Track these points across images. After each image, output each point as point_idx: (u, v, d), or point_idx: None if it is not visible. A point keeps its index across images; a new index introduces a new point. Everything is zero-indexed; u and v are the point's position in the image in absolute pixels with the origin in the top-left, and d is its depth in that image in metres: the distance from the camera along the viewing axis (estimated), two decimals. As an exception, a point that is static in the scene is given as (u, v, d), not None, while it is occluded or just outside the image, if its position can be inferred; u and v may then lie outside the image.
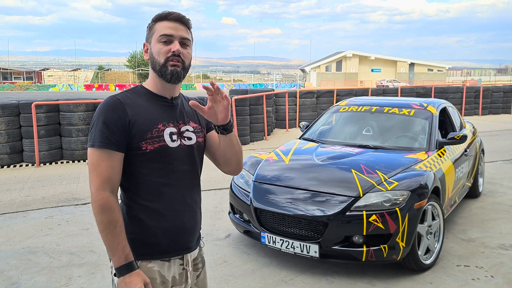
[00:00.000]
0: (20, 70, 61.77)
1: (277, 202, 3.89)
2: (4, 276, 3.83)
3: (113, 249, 1.58)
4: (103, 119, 1.61)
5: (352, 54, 64.64)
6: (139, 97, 1.71)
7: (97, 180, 1.59)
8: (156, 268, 1.68)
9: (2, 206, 5.83)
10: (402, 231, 3.57)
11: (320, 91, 14.50)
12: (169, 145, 1.68)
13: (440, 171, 4.32)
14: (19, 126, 8.65)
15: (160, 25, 1.69)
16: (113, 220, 1.58)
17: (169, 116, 1.72)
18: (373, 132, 5.01)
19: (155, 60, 1.68)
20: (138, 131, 1.63)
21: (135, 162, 1.65)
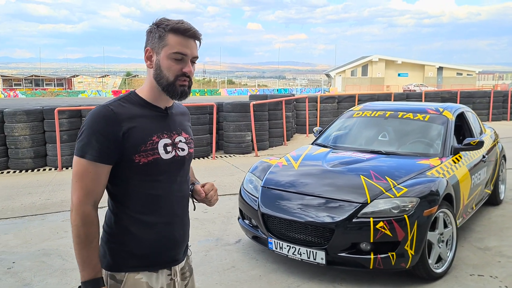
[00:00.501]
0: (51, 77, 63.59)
1: (284, 207, 3.87)
2: (17, 277, 3.93)
3: (85, 263, 1.54)
4: (94, 130, 1.54)
5: (378, 58, 63.95)
6: (133, 106, 1.63)
7: (81, 192, 1.54)
8: (144, 280, 1.65)
9: (23, 209, 6.00)
10: (411, 239, 3.50)
11: (341, 96, 14.39)
12: (162, 157, 1.63)
13: (454, 178, 4.22)
14: (43, 131, 8.90)
15: (174, 39, 1.60)
16: (91, 235, 1.55)
17: (163, 127, 1.68)
18: (386, 138, 4.94)
19: (163, 74, 1.61)
20: (131, 144, 1.57)
21: (127, 173, 1.60)
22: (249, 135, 10.13)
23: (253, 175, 4.46)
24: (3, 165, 8.70)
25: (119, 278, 1.63)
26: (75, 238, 1.56)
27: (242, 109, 10.04)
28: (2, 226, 5.35)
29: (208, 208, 5.89)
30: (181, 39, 1.60)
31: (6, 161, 8.77)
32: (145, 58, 1.65)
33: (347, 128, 5.38)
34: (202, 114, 9.84)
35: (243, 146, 10.13)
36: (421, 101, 14.64)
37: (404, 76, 63.57)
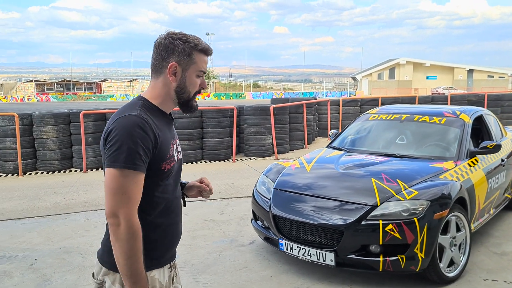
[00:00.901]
0: (82, 82, 65.25)
1: (294, 209, 3.92)
2: (39, 273, 4.10)
3: (138, 276, 1.55)
4: (135, 139, 1.53)
5: (406, 61, 63.01)
6: (154, 115, 1.66)
7: (129, 204, 1.53)
8: (156, 276, 1.73)
9: (47, 208, 6.22)
10: (421, 242, 3.49)
11: (364, 99, 14.29)
12: (176, 162, 1.74)
13: (468, 181, 4.18)
14: (70, 134, 9.19)
15: (200, 57, 1.70)
16: (140, 247, 1.56)
17: (172, 134, 1.77)
18: (401, 141, 4.92)
19: (187, 90, 1.70)
20: (161, 152, 1.63)
21: (151, 181, 1.63)
22: (270, 138, 10.19)
23: (266, 177, 4.52)
24: (31, 166, 9.03)
25: None
26: (126, 253, 1.53)
27: (262, 112, 10.11)
28: (28, 224, 5.57)
29: (224, 209, 6.00)
30: (204, 58, 1.72)
31: (35, 163, 9.09)
32: (169, 72, 1.67)
33: (362, 131, 5.38)
34: (223, 117, 9.96)
35: (263, 149, 10.20)
36: (446, 104, 14.40)
37: (432, 79, 62.42)
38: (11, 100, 52.44)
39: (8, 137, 8.75)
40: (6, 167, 8.81)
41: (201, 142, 9.98)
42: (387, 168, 4.22)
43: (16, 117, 8.58)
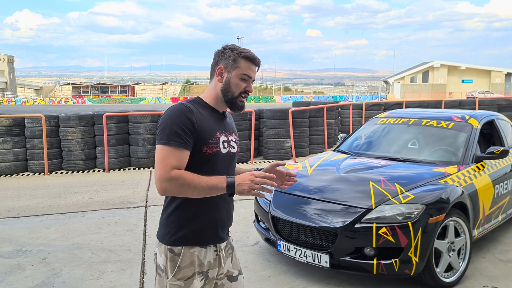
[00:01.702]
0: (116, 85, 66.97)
1: (292, 211, 3.99)
2: (50, 267, 4.32)
3: (211, 188, 1.84)
4: (176, 121, 1.86)
5: (440, 64, 61.66)
6: (201, 108, 1.98)
7: (164, 167, 1.82)
8: (196, 253, 1.98)
9: (66, 206, 6.50)
10: (415, 246, 3.49)
11: (388, 103, 14.16)
12: (221, 151, 1.98)
13: (471, 187, 4.14)
14: (94, 135, 9.53)
15: (245, 64, 2.00)
16: (193, 177, 1.83)
17: (221, 127, 2.03)
18: (406, 145, 4.91)
19: (230, 89, 1.99)
20: (202, 136, 1.91)
21: (194, 163, 1.90)
22: (288, 141, 10.25)
23: (269, 179, 4.60)
24: (57, 166, 9.41)
25: (177, 252, 1.97)
26: (193, 189, 1.83)
27: (281, 116, 10.19)
28: (47, 221, 5.84)
29: (235, 210, 6.08)
30: (249, 65, 2.01)
31: (61, 162, 9.47)
32: (217, 73, 2.02)
33: (369, 135, 5.38)
34: (242, 120, 10.09)
35: (282, 153, 10.27)
36: (474, 109, 14.07)
37: (468, 82, 60.81)
38: (49, 103, 54.40)
39: (36, 137, 9.16)
40: (34, 167, 9.22)
41: (221, 144, 10.12)
42: (388, 172, 4.23)
43: (43, 118, 8.98)
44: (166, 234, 1.99)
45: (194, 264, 1.98)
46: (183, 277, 1.96)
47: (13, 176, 8.99)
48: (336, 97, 52.32)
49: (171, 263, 1.97)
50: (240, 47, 2.04)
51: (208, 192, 1.85)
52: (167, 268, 1.97)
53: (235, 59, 1.99)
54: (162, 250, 1.99)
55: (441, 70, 60.94)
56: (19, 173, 9.19)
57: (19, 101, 54.78)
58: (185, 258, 1.97)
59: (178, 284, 1.97)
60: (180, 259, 1.96)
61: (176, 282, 1.96)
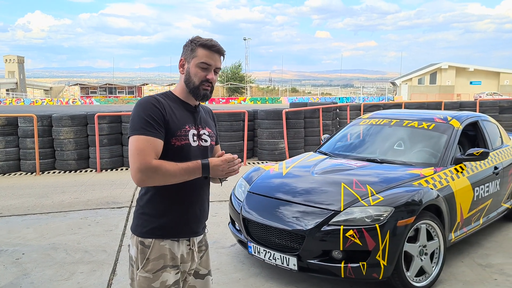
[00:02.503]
0: (123, 85, 67.38)
1: (262, 212, 3.92)
2: (21, 267, 4.29)
3: (189, 172, 1.89)
4: (148, 112, 1.88)
5: (448, 65, 61.15)
6: (171, 101, 2.00)
7: (141, 157, 1.82)
8: (167, 246, 1.99)
9: (51, 206, 6.48)
10: (383, 249, 3.41)
11: (386, 105, 14.01)
12: (191, 144, 1.99)
13: (447, 189, 4.04)
14: (86, 135, 9.52)
15: (202, 52, 1.99)
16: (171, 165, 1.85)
17: (192, 120, 2.04)
18: (386, 146, 4.82)
19: (191, 79, 2.00)
20: (171, 128, 1.92)
21: (164, 155, 1.90)
22: (282, 142, 10.17)
23: (244, 180, 4.54)
24: (50, 166, 9.43)
25: (147, 244, 1.98)
26: (173, 177, 1.87)
27: (275, 117, 10.12)
28: (28, 220, 5.82)
29: (218, 211, 6.05)
30: (207, 53, 1.99)
31: (53, 162, 9.49)
32: (179, 66, 2.06)
33: (351, 136, 5.31)
34: (235, 121, 10.04)
35: (276, 153, 10.20)
36: (474, 110, 13.88)
37: (477, 84, 60.25)
38: (57, 103, 54.80)
39: (28, 137, 9.18)
40: (26, 166, 9.24)
41: (214, 145, 10.08)
42: (362, 173, 4.15)
43: (34, 118, 8.99)
44: (138, 226, 2.01)
45: (164, 257, 1.98)
46: (152, 269, 1.96)
47: (5, 176, 9.01)
48: (343, 99, 52.08)
49: (141, 255, 1.98)
50: (202, 38, 2.03)
51: (187, 177, 1.89)
52: (138, 260, 1.99)
53: (193, 48, 2.00)
54: (134, 242, 2.01)
55: (449, 71, 60.42)
56: (11, 173, 9.22)
57: (27, 102, 55.26)
58: (154, 251, 1.97)
59: (147, 276, 1.97)
60: (150, 251, 1.97)
61: (145, 274, 1.97)
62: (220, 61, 2.06)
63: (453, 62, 62.49)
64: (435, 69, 61.31)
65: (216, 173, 1.95)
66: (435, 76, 61.61)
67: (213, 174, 1.95)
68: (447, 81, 60.50)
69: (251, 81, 72.51)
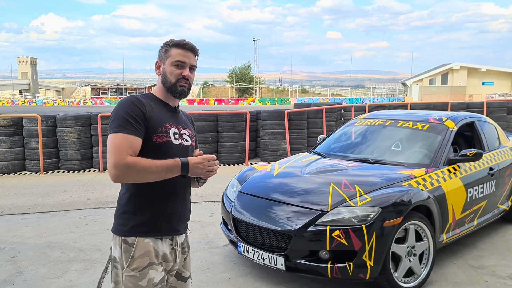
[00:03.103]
0: (133, 86, 67.90)
1: (251, 212, 3.94)
2: (16, 265, 4.35)
3: (166, 169, 1.89)
4: (127, 110, 1.91)
5: (460, 66, 60.61)
6: (151, 101, 2.05)
7: (117, 154, 1.83)
8: (151, 243, 1.99)
9: (51, 205, 6.57)
10: (369, 249, 3.40)
11: (392, 105, 13.94)
12: (173, 142, 2.02)
13: (438, 190, 4.02)
14: (90, 135, 9.63)
15: (175, 51, 2.05)
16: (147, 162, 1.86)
17: (173, 120, 2.09)
18: (379, 147, 4.80)
19: (167, 78, 2.06)
20: (152, 125, 1.96)
21: (145, 151, 1.93)
22: (285, 143, 10.17)
23: (236, 181, 4.56)
24: (54, 165, 9.55)
25: (131, 242, 1.97)
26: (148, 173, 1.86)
27: (278, 117, 10.12)
28: (28, 219, 5.90)
29: (215, 212, 6.07)
30: (180, 51, 2.06)
31: (58, 162, 9.60)
32: (155, 68, 2.12)
33: (345, 136, 5.30)
34: (238, 121, 10.07)
35: (278, 154, 10.19)
36: (482, 112, 13.75)
37: (489, 85, 59.63)
38: (68, 104, 55.37)
39: (33, 137, 9.30)
40: (31, 166, 9.37)
41: (216, 145, 10.14)
42: (352, 174, 4.14)
43: (38, 118, 9.11)
44: (119, 225, 2.02)
45: (149, 254, 1.97)
46: (138, 267, 1.95)
47: (10, 175, 9.15)
48: (353, 100, 51.88)
49: (125, 254, 1.97)
50: (175, 39, 2.10)
51: (164, 174, 1.89)
52: (122, 260, 1.97)
53: (166, 49, 2.07)
54: (117, 242, 2.00)
55: (460, 72, 59.89)
56: (16, 172, 9.35)
57: (39, 102, 55.93)
58: (139, 248, 1.96)
59: (133, 274, 1.95)
60: (134, 249, 1.96)
61: (131, 273, 1.95)
62: (195, 59, 2.11)
63: (465, 63, 61.84)
64: (446, 70, 60.81)
65: (195, 172, 1.96)
66: (446, 77, 61.11)
67: (192, 173, 1.95)
68: (458, 82, 59.97)
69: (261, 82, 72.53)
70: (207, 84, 78.84)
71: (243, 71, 67.50)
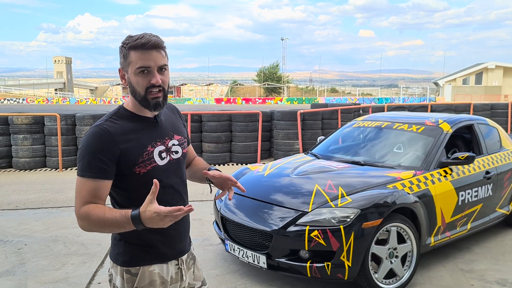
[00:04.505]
0: (163, 85, 68.90)
1: (237, 211, 4.04)
2: (20, 257, 4.60)
3: (117, 225, 1.61)
4: (91, 150, 1.64)
5: (495, 65, 58.81)
6: (124, 121, 1.73)
7: (79, 203, 1.66)
8: (156, 271, 1.80)
9: (63, 201, 6.86)
10: (347, 250, 3.45)
11: (412, 106, 13.73)
12: (159, 164, 1.75)
13: (425, 192, 4.01)
14: (108, 134, 9.93)
15: (135, 55, 1.67)
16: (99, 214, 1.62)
17: (155, 136, 1.78)
18: (372, 148, 4.82)
19: (135, 90, 1.71)
20: (129, 158, 1.68)
21: (130, 185, 1.72)
22: (298, 143, 10.22)
23: (229, 180, 4.67)
24: (73, 163, 9.89)
25: (134, 272, 1.78)
26: (101, 227, 1.63)
27: (291, 118, 10.18)
28: (40, 214, 6.20)
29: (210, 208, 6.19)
30: (141, 54, 1.67)
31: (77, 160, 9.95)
32: (120, 77, 1.78)
33: (342, 138, 5.33)
34: (251, 121, 10.17)
35: (291, 154, 10.23)
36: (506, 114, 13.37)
37: (528, 84, 57.58)
38: (100, 102, 56.87)
39: (54, 135, 9.68)
40: (51, 163, 9.75)
41: (230, 145, 10.29)
42: (339, 175, 4.19)
43: (58, 117, 9.48)
44: (119, 255, 1.80)
45: (154, 284, 1.79)
46: None
47: (31, 171, 9.56)
48: (382, 99, 51.20)
49: (128, 284, 1.78)
50: (132, 37, 1.71)
51: (117, 229, 1.63)
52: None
53: (125, 54, 1.70)
54: (118, 271, 1.80)
55: (496, 71, 58.11)
56: (37, 169, 9.76)
57: (73, 101, 57.67)
58: (143, 278, 1.78)
59: None
60: (138, 279, 1.77)
61: None
62: (161, 56, 1.72)
63: (501, 62, 59.94)
64: (481, 69, 59.14)
65: (155, 225, 1.57)
66: (480, 77, 59.43)
67: (151, 226, 1.58)
68: (493, 82, 58.23)
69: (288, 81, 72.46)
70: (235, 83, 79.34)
71: (271, 70, 67.62)
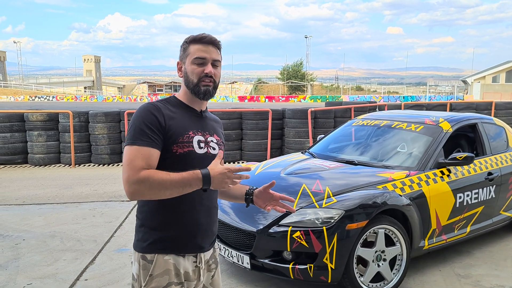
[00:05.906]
0: (188, 83, 69.62)
1: (225, 210, 3.99)
2: (15, 252, 4.67)
3: (184, 184, 1.68)
4: (142, 120, 1.75)
5: (528, 62, 56.77)
6: (173, 106, 1.87)
7: (131, 170, 1.68)
8: (171, 261, 1.82)
9: (69, 197, 6.95)
10: (330, 252, 3.36)
11: (430, 104, 13.37)
12: (196, 151, 1.83)
13: (418, 194, 3.87)
14: (120, 131, 10.05)
15: (194, 47, 1.86)
16: (162, 175, 1.67)
17: (198, 126, 1.90)
18: (368, 148, 4.69)
19: (189, 79, 1.86)
20: (171, 135, 1.78)
21: (165, 163, 1.76)
22: (309, 141, 10.09)
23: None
24: (86, 159, 10.07)
25: (150, 259, 1.82)
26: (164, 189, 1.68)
27: (302, 116, 10.06)
28: (44, 209, 6.29)
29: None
30: (199, 46, 1.87)
31: (89, 156, 10.12)
32: (177, 69, 1.95)
33: (340, 136, 5.22)
34: (261, 119, 10.11)
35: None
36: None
37: None
38: (126, 100, 57.79)
39: (67, 132, 9.85)
40: (65, 159, 9.94)
41: (240, 143, 10.25)
42: (329, 175, 4.08)
43: (70, 114, 9.64)
44: (139, 241, 1.86)
45: (169, 273, 1.81)
46: (156, 286, 1.80)
47: (45, 167, 9.75)
48: (407, 98, 50.21)
49: (143, 271, 1.82)
50: (193, 35, 1.92)
51: (182, 189, 1.70)
52: (140, 278, 1.83)
53: (185, 48, 1.90)
54: (136, 258, 1.86)
55: (527, 69, 56.16)
56: (52, 165, 9.95)
57: (100, 99, 58.80)
58: (158, 266, 1.81)
59: None
60: (153, 267, 1.81)
61: None
62: (217, 53, 1.90)
63: (532, 59, 57.93)
64: (511, 67, 57.24)
65: (219, 185, 1.70)
66: (511, 74, 57.52)
67: (215, 186, 1.70)
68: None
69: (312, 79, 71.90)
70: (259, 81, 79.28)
71: (295, 68, 67.27)
